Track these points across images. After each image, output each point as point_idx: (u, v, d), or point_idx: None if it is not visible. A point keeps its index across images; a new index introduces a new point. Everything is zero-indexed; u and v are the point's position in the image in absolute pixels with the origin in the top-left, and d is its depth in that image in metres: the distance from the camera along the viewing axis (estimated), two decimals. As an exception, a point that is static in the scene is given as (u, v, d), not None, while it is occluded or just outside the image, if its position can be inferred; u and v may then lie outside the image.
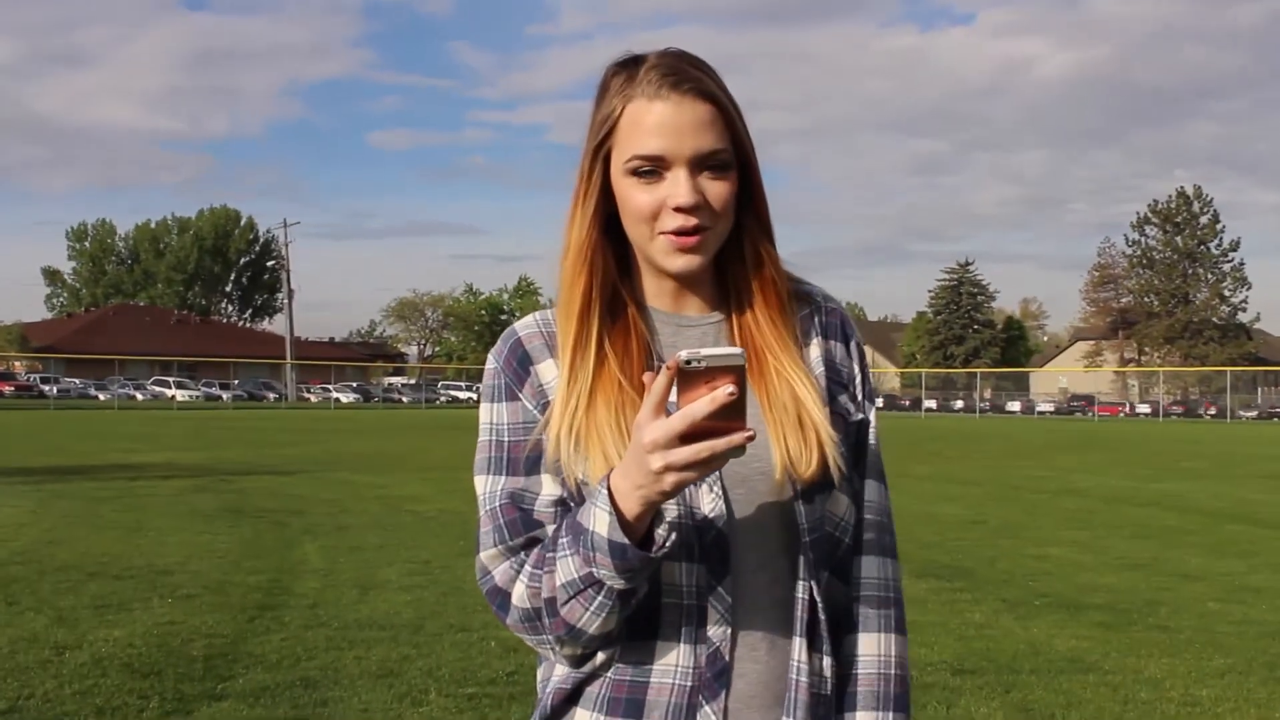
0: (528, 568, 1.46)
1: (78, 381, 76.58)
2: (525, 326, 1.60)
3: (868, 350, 1.68)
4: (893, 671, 1.58)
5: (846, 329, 1.65)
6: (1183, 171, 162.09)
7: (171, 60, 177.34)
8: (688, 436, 1.26)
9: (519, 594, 1.46)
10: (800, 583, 1.49)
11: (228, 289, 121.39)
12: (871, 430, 1.64)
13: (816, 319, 1.62)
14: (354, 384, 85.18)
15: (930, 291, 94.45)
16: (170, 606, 7.80)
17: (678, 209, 1.46)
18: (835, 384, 1.59)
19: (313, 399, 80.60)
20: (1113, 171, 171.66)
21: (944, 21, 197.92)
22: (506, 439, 1.54)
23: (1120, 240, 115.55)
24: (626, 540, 1.32)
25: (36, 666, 6.27)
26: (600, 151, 1.51)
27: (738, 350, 1.27)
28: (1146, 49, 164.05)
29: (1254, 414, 69.90)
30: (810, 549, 1.49)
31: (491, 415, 1.56)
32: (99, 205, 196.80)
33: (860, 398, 1.63)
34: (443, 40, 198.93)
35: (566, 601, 1.40)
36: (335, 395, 77.78)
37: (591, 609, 1.39)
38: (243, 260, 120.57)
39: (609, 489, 1.33)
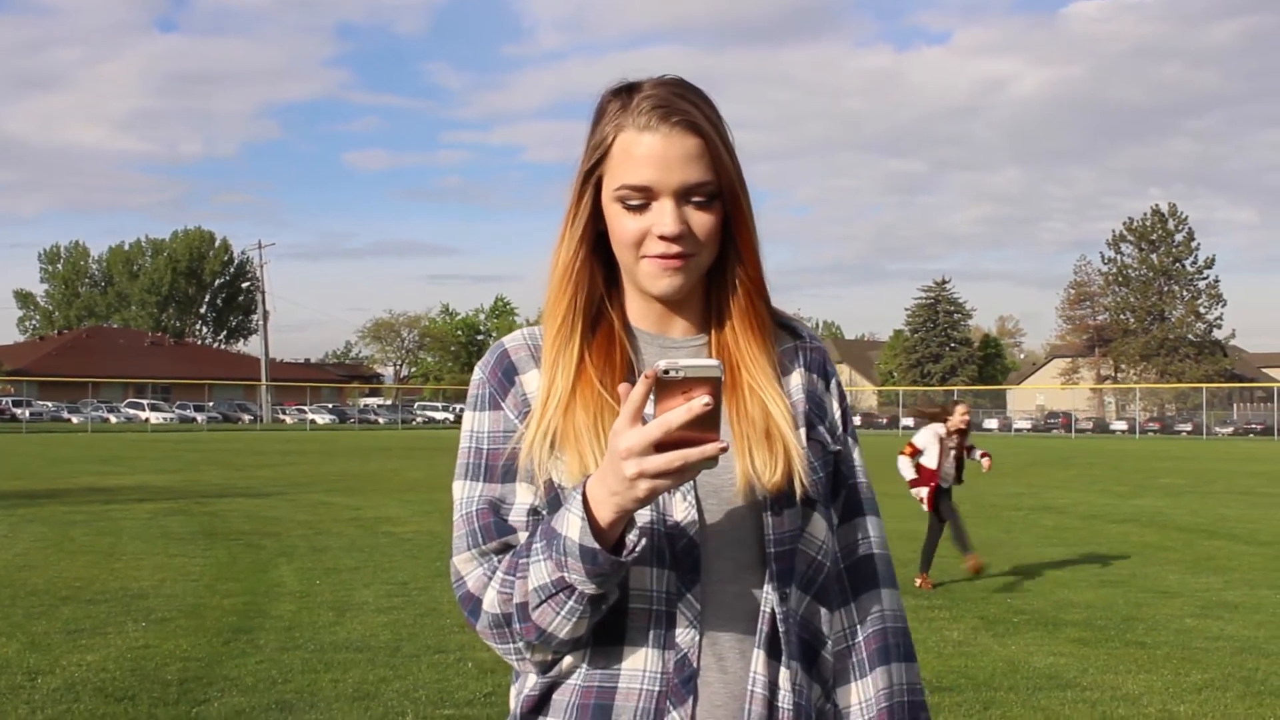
0: (499, 574, 1.48)
1: (50, 404, 76.18)
2: (513, 339, 1.64)
3: (845, 369, 1.70)
4: (907, 699, 1.63)
5: (828, 367, 1.70)
6: (1158, 189, 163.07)
7: (144, 82, 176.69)
8: (663, 445, 1.27)
9: (490, 600, 1.48)
10: (764, 594, 1.50)
11: (202, 311, 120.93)
12: (859, 469, 1.70)
13: (801, 353, 1.67)
14: (330, 405, 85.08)
15: (907, 310, 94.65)
16: (144, 630, 7.74)
17: (662, 237, 1.50)
18: (814, 414, 1.63)
19: (288, 420, 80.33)
20: (1088, 189, 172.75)
21: (920, 41, 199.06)
22: (486, 447, 1.57)
23: (1096, 258, 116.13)
24: (597, 545, 1.34)
25: (8, 692, 6.20)
26: (592, 176, 1.56)
27: (715, 362, 1.28)
28: (1122, 67, 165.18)
29: (1230, 430, 70.39)
30: (775, 560, 1.51)
31: (474, 423, 1.60)
32: (72, 228, 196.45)
33: (840, 432, 1.67)
34: (418, 61, 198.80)
35: (538, 605, 1.42)
36: (311, 416, 77.50)
37: (562, 613, 1.41)
38: (217, 282, 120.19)
39: (584, 495, 1.36)
